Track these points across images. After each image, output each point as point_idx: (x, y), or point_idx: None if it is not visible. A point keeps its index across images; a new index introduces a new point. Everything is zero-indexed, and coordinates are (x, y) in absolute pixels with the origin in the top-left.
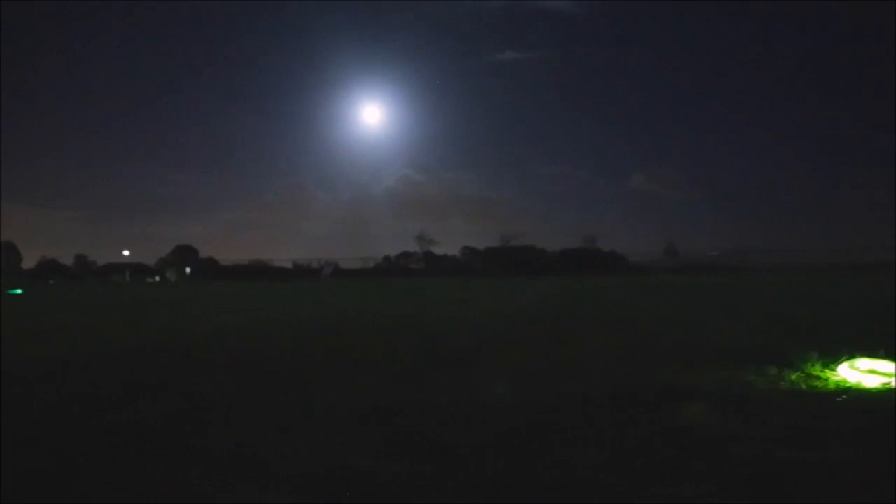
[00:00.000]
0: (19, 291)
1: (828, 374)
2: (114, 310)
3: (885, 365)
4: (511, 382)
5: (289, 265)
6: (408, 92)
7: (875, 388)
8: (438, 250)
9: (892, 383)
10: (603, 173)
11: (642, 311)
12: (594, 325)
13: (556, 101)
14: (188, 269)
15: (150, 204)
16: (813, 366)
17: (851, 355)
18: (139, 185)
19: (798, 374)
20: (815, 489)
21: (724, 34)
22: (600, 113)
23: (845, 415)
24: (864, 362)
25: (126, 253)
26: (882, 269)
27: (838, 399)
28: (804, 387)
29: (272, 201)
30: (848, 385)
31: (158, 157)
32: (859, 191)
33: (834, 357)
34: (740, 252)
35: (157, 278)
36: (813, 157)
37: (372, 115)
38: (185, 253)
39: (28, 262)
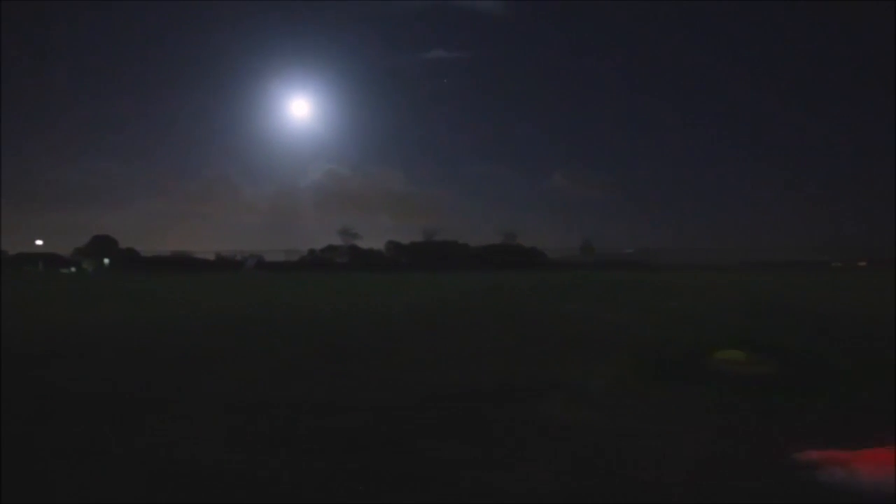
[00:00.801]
0: None
1: (701, 364)
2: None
3: (754, 357)
4: (393, 376)
5: (212, 257)
6: (336, 87)
7: (753, 374)
8: (363, 244)
9: (765, 369)
10: (525, 172)
11: (546, 307)
12: (495, 320)
13: (481, 101)
14: (106, 260)
15: (65, 193)
16: (685, 357)
17: (719, 348)
18: (53, 173)
19: (673, 365)
20: (647, 471)
21: (642, 37)
22: (523, 113)
23: (701, 403)
24: (736, 353)
25: (39, 242)
26: (786, 267)
27: (702, 389)
28: (693, 377)
29: (196, 192)
30: (733, 369)
31: (75, 145)
32: (769, 191)
33: (708, 349)
34: (652, 250)
35: (73, 269)
36: (727, 160)
37: (300, 108)
38: (103, 243)
39: None
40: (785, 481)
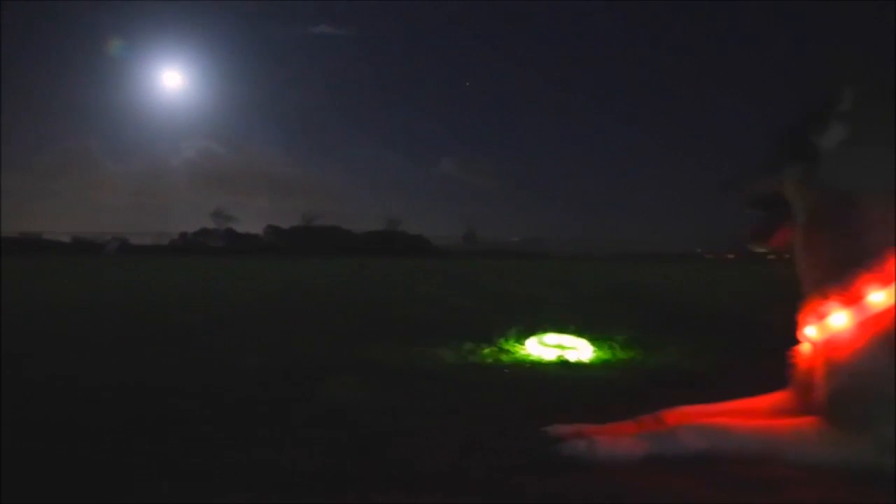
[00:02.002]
0: None
1: (518, 348)
2: None
3: (570, 340)
4: (203, 359)
5: (68, 239)
6: (213, 59)
7: (550, 361)
8: (241, 228)
9: (565, 356)
10: (412, 157)
11: (399, 292)
12: (343, 306)
13: (369, 81)
14: None
15: None
16: (507, 341)
17: (543, 331)
18: None
19: (492, 349)
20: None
21: (535, 26)
22: (412, 96)
23: (492, 385)
24: (551, 337)
25: None
26: (667, 258)
27: (504, 371)
28: (490, 360)
29: (50, 167)
30: (529, 358)
31: None
32: (654, 183)
33: (532, 333)
34: (539, 239)
35: None
36: (615, 152)
37: (172, 79)
38: None
39: None
40: (531, 454)
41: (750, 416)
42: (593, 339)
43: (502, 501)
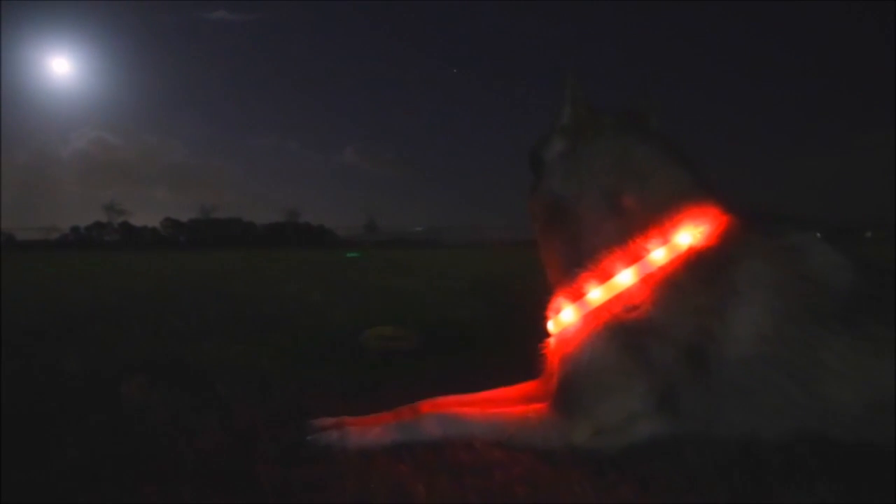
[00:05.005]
0: None
1: (354, 341)
2: None
3: (405, 332)
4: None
5: None
6: (105, 44)
7: (378, 352)
8: (137, 221)
9: (396, 347)
10: (314, 146)
11: (268, 288)
12: (210, 300)
13: (269, 68)
14: None
15: None
16: (345, 334)
17: (380, 324)
18: None
19: (329, 342)
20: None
21: (441, 12)
22: (314, 84)
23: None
24: (388, 329)
25: None
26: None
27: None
28: (319, 356)
29: None
30: (362, 350)
31: None
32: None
33: (371, 326)
34: (443, 228)
35: None
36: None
37: (60, 66)
38: None
39: None
40: (288, 445)
41: (500, 404)
42: (425, 332)
43: (240, 491)
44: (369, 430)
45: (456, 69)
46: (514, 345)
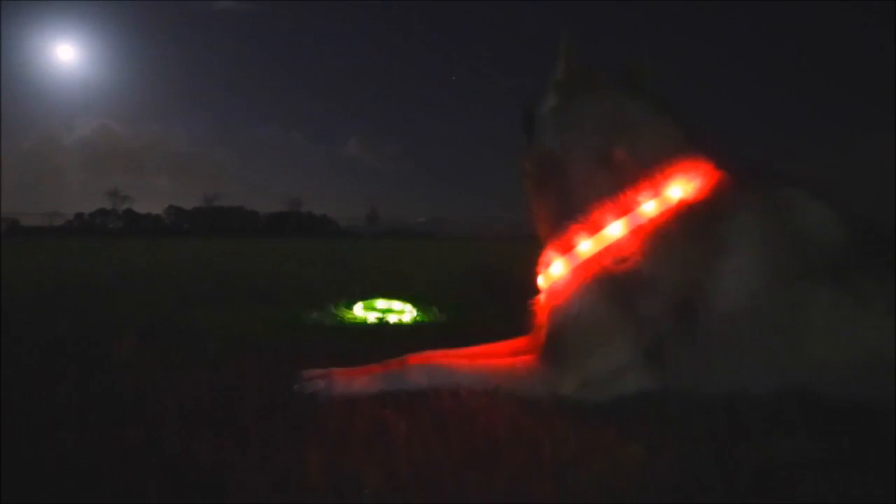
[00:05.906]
0: None
1: (346, 312)
2: None
3: (398, 304)
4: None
5: None
6: (110, 32)
7: (370, 322)
8: (141, 209)
9: (387, 318)
10: (317, 138)
11: (262, 271)
12: (178, 279)
13: (273, 59)
14: None
15: None
16: (337, 306)
17: (374, 297)
18: None
19: (321, 313)
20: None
21: (450, 13)
22: (318, 75)
23: (296, 345)
24: (381, 302)
25: None
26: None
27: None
28: (310, 323)
29: None
30: (354, 320)
31: None
32: None
33: (364, 299)
34: (445, 220)
35: None
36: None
37: (65, 53)
38: None
39: None
40: (276, 395)
41: (489, 358)
42: (420, 305)
43: (227, 434)
44: (356, 380)
45: (455, 76)
46: (507, 320)
